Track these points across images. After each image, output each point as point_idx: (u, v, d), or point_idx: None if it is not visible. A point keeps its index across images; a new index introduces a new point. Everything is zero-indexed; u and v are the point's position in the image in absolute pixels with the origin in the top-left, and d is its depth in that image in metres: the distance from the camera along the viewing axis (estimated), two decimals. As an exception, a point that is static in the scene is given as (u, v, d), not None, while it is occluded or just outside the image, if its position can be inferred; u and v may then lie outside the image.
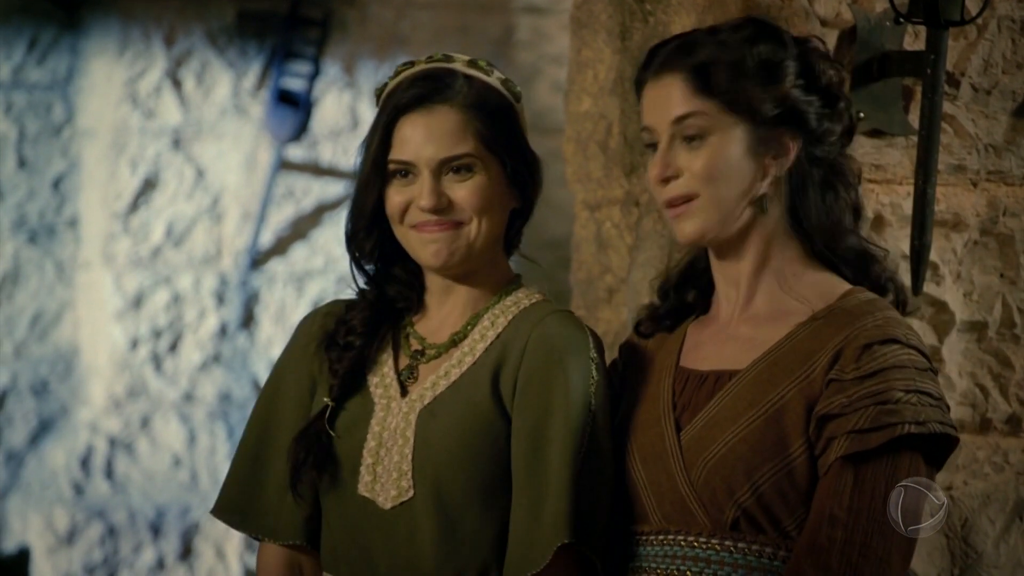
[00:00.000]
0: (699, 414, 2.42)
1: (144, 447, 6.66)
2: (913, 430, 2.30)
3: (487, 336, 2.51)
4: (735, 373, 2.41)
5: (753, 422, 2.37)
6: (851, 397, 2.32)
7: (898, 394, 2.31)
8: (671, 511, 2.41)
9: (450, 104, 2.48)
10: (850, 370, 2.34)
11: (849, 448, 2.30)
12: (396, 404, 2.49)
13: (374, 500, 2.46)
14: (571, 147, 3.51)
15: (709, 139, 2.41)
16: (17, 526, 6.62)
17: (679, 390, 2.46)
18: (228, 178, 6.72)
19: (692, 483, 2.39)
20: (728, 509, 2.37)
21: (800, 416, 2.35)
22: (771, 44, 2.42)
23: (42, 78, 6.74)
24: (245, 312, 6.74)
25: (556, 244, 6.73)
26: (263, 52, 6.71)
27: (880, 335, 2.35)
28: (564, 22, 5.79)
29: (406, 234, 2.51)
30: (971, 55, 2.83)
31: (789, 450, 2.35)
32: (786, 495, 2.35)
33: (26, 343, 6.73)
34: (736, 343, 2.45)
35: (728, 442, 2.37)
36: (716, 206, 2.41)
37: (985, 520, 2.85)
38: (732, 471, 2.36)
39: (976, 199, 2.87)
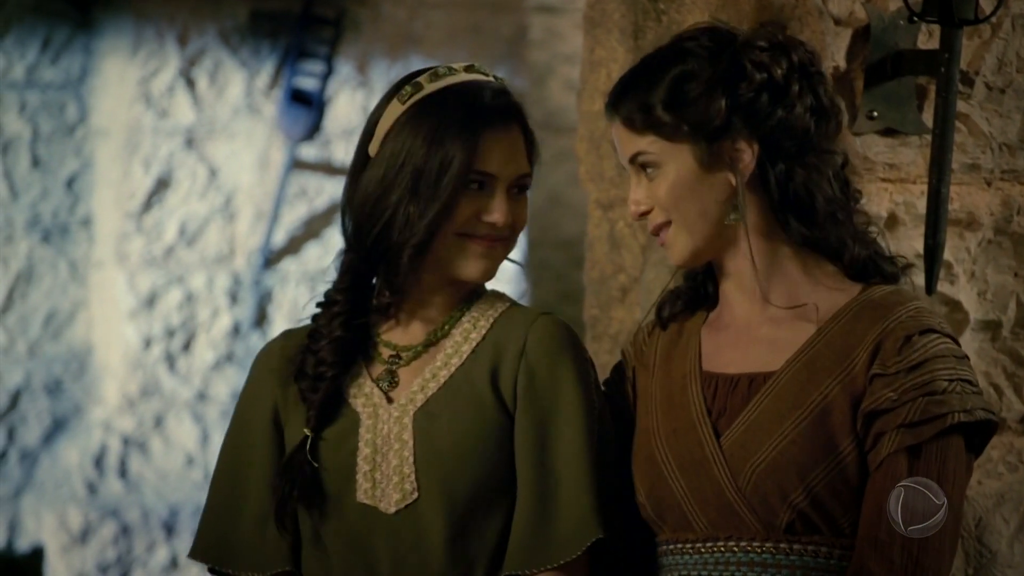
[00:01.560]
0: (737, 419, 2.41)
1: (157, 446, 6.67)
2: (962, 418, 2.32)
3: (471, 338, 2.51)
4: (769, 375, 2.41)
5: (800, 423, 2.36)
6: (898, 391, 2.33)
7: (943, 384, 2.33)
8: (717, 518, 2.40)
9: (518, 122, 2.52)
10: (892, 363, 2.34)
11: (902, 442, 2.32)
12: (384, 411, 2.49)
13: (376, 506, 2.46)
14: (584, 146, 3.51)
15: (662, 169, 2.44)
16: (31, 525, 6.63)
17: (710, 396, 2.45)
18: (241, 177, 6.72)
19: (740, 489, 2.38)
20: (782, 512, 2.36)
21: (846, 413, 2.36)
22: (692, 60, 2.43)
23: (55, 78, 6.75)
24: (258, 311, 6.75)
25: (569, 243, 6.73)
26: (276, 51, 6.72)
27: (918, 326, 2.36)
28: (577, 21, 5.79)
29: (455, 242, 2.49)
30: (985, 54, 2.82)
31: (839, 448, 2.35)
32: (840, 494, 2.35)
33: (40, 342, 6.74)
34: (761, 345, 2.44)
35: (776, 445, 2.36)
36: (689, 227, 2.44)
37: (999, 519, 2.85)
38: (784, 474, 2.36)
39: (990, 198, 2.86)
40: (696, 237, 2.44)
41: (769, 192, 2.43)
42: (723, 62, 2.42)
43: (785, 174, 2.43)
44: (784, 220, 2.44)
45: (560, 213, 6.56)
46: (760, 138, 2.42)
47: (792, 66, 2.44)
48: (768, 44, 2.45)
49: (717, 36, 2.46)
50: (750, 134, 2.42)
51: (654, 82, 2.44)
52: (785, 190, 2.43)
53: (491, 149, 2.49)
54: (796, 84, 2.43)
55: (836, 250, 2.45)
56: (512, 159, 2.50)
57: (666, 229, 2.46)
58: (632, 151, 2.46)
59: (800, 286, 2.45)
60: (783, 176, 2.43)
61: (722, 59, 2.42)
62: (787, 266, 2.45)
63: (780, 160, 2.43)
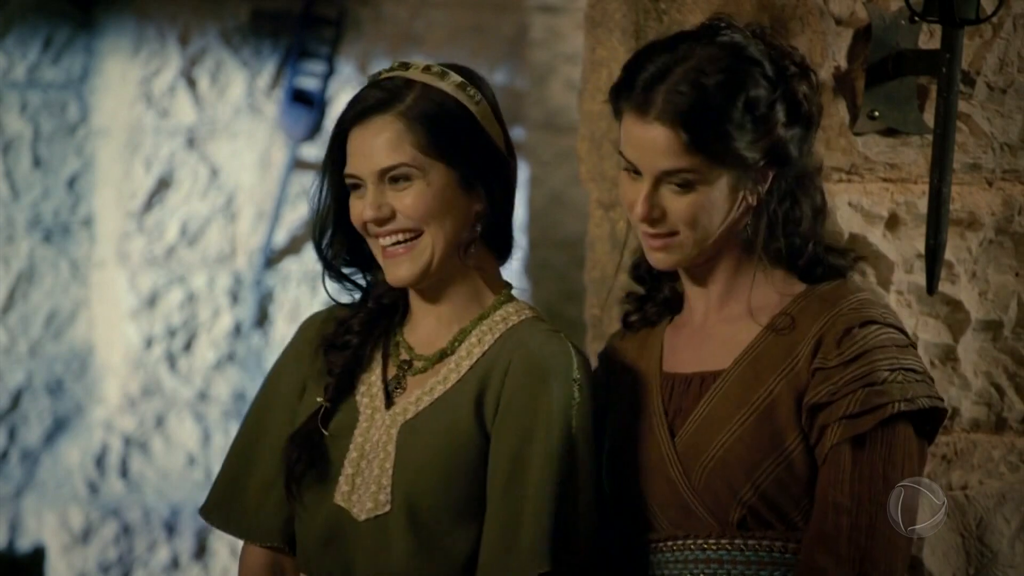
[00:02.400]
0: (689, 418, 2.43)
1: (159, 446, 6.67)
2: (903, 407, 2.34)
3: (473, 353, 2.50)
4: (719, 373, 2.43)
5: (746, 420, 2.38)
6: (838, 383, 2.35)
7: (884, 374, 2.34)
8: (677, 517, 2.43)
9: (388, 114, 2.48)
10: (833, 357, 2.36)
11: (844, 434, 2.33)
12: (380, 416, 2.49)
13: (349, 510, 2.46)
14: (585, 146, 3.51)
15: (697, 188, 2.41)
16: (32, 525, 6.63)
17: (667, 396, 2.47)
18: (242, 177, 6.72)
19: (693, 487, 2.40)
20: (733, 509, 2.38)
21: (791, 408, 2.37)
22: (755, 86, 2.40)
23: (57, 77, 6.75)
24: (259, 311, 6.75)
25: (570, 243, 6.73)
26: (277, 51, 6.72)
27: (858, 318, 2.38)
28: (578, 21, 5.78)
29: (373, 246, 2.52)
30: (986, 54, 2.82)
31: (785, 443, 2.37)
32: (788, 488, 2.37)
33: (41, 342, 6.74)
34: (714, 342, 2.47)
35: (724, 443, 2.39)
36: (697, 243, 2.44)
37: (1000, 519, 2.85)
38: (732, 471, 2.38)
39: (991, 198, 2.86)
40: (699, 250, 2.45)
41: (762, 211, 2.44)
42: (779, 88, 2.41)
43: (788, 194, 2.45)
44: (768, 235, 2.45)
45: (561, 213, 6.56)
46: (779, 164, 2.43)
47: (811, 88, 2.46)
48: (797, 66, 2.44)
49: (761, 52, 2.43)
50: (786, 158, 2.43)
51: (723, 100, 2.38)
52: (783, 213, 2.45)
53: (352, 151, 2.50)
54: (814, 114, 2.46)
55: (793, 256, 2.47)
56: (369, 153, 2.48)
57: (673, 237, 2.44)
58: (669, 166, 2.40)
59: (754, 288, 2.46)
60: (786, 196, 2.45)
61: (777, 85, 2.41)
62: (748, 271, 2.47)
63: (784, 180, 2.44)
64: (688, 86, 2.39)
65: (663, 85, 2.40)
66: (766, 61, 2.42)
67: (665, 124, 2.39)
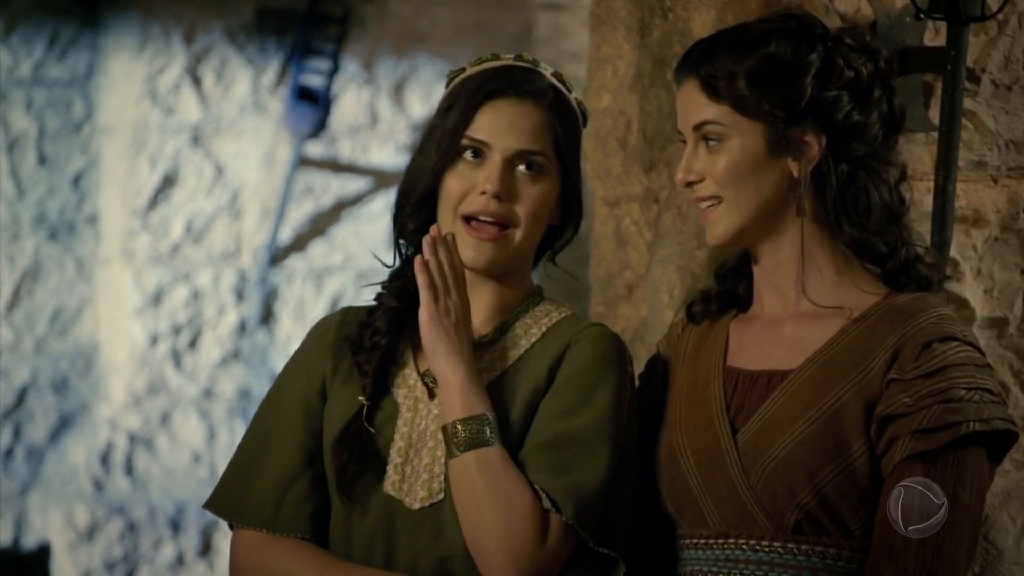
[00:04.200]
0: (754, 416, 2.40)
1: (164, 443, 6.68)
2: (978, 428, 2.30)
3: (519, 344, 2.50)
4: (787, 373, 2.40)
5: (812, 424, 2.35)
6: (913, 396, 2.31)
7: (961, 392, 2.30)
8: (730, 515, 2.40)
9: (537, 102, 2.49)
10: (910, 369, 2.32)
11: (915, 448, 2.30)
12: (424, 405, 2.49)
13: (401, 500, 2.46)
14: (590, 143, 3.51)
15: (727, 143, 2.40)
16: (38, 522, 6.63)
17: (730, 391, 2.44)
18: (247, 175, 6.73)
19: (752, 487, 2.38)
20: (790, 512, 2.36)
21: (859, 416, 2.34)
22: (786, 43, 2.40)
23: (62, 75, 6.76)
24: (264, 308, 6.75)
25: (575, 241, 6.73)
26: (282, 49, 6.72)
27: (938, 333, 2.34)
28: (583, 18, 5.78)
29: (456, 226, 2.49)
30: (992, 51, 2.82)
31: (850, 451, 2.34)
32: (848, 496, 2.34)
33: (46, 339, 6.74)
34: (785, 343, 2.43)
35: (787, 445, 2.36)
36: (739, 209, 2.41)
37: (1006, 517, 2.85)
38: (793, 474, 2.35)
39: (997, 195, 2.86)
40: (744, 219, 2.42)
41: (826, 189, 2.41)
42: (817, 51, 2.39)
43: (847, 175, 2.41)
44: (836, 219, 2.41)
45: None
46: (830, 134, 2.40)
47: (877, 71, 2.43)
48: (858, 44, 2.43)
49: (806, 23, 2.43)
50: (820, 127, 2.39)
51: (744, 53, 2.40)
52: (844, 191, 2.40)
53: (488, 120, 2.48)
54: (877, 90, 2.42)
55: (881, 255, 2.43)
56: (511, 130, 2.47)
57: (715, 206, 2.43)
58: (701, 118, 2.42)
59: (833, 286, 2.43)
60: (845, 177, 2.40)
61: (816, 48, 2.40)
62: (823, 264, 2.43)
63: (844, 160, 2.40)
64: (725, 37, 2.44)
65: (702, 45, 2.45)
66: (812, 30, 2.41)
67: (693, 78, 2.42)
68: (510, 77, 2.50)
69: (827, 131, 2.40)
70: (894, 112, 2.44)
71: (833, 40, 2.42)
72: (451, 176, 2.49)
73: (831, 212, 2.41)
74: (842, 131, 2.40)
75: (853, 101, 2.40)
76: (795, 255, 2.43)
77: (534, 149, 2.48)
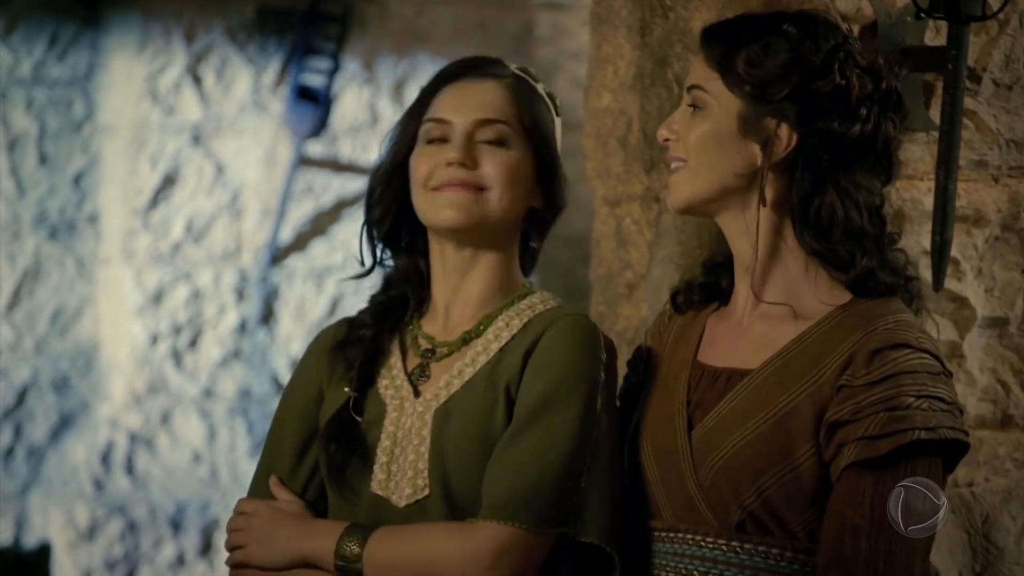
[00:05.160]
0: (710, 413, 2.42)
1: (164, 443, 6.68)
2: (923, 436, 2.29)
3: (501, 337, 2.51)
4: (747, 372, 2.41)
5: (760, 425, 2.36)
6: (860, 403, 2.31)
7: (908, 400, 2.30)
8: (681, 509, 2.42)
9: (496, 80, 2.53)
10: (860, 376, 2.32)
11: (859, 455, 2.30)
12: (410, 404, 2.50)
13: (388, 498, 2.47)
14: (591, 143, 3.51)
15: (706, 111, 2.43)
16: (38, 521, 6.63)
17: (694, 386, 2.46)
18: (248, 174, 6.73)
19: (700, 483, 2.39)
20: (734, 511, 2.37)
21: (808, 421, 2.34)
22: (794, 36, 2.41)
23: (62, 74, 6.76)
24: (265, 308, 6.75)
25: (576, 240, 6.73)
26: (283, 48, 6.72)
27: (891, 340, 2.33)
28: (584, 18, 5.78)
29: (426, 198, 2.51)
30: (992, 50, 2.82)
31: (796, 454, 2.34)
32: (792, 499, 2.35)
33: (47, 339, 6.74)
34: (750, 341, 2.44)
35: (735, 444, 2.37)
36: (699, 178, 2.43)
37: (1007, 516, 2.85)
38: (738, 474, 2.36)
39: (997, 194, 2.86)
40: (701, 189, 2.44)
41: (792, 191, 2.41)
42: (817, 51, 2.40)
43: (813, 183, 2.40)
44: (798, 225, 2.41)
45: (567, 210, 6.55)
46: (802, 135, 2.40)
47: (874, 93, 2.41)
48: (869, 66, 2.42)
49: (825, 28, 2.43)
50: (796, 125, 2.39)
51: (749, 36, 2.42)
52: (808, 199, 2.40)
53: (446, 101, 2.52)
54: (866, 110, 2.40)
55: (843, 264, 2.42)
56: (470, 104, 2.50)
57: (680, 169, 2.45)
58: (696, 79, 2.45)
59: (797, 286, 2.43)
60: (810, 184, 2.40)
61: (819, 49, 2.40)
62: (790, 263, 2.44)
63: (812, 167, 2.40)
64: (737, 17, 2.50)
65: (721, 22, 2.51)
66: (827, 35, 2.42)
67: (704, 45, 2.48)
68: (468, 63, 2.55)
69: (800, 131, 2.40)
70: (879, 141, 2.41)
71: (843, 51, 2.42)
72: (420, 157, 2.52)
73: (796, 216, 2.41)
74: (815, 135, 2.39)
75: (835, 110, 2.39)
76: (765, 247, 2.44)
77: (494, 118, 2.51)
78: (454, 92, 2.52)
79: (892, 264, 2.44)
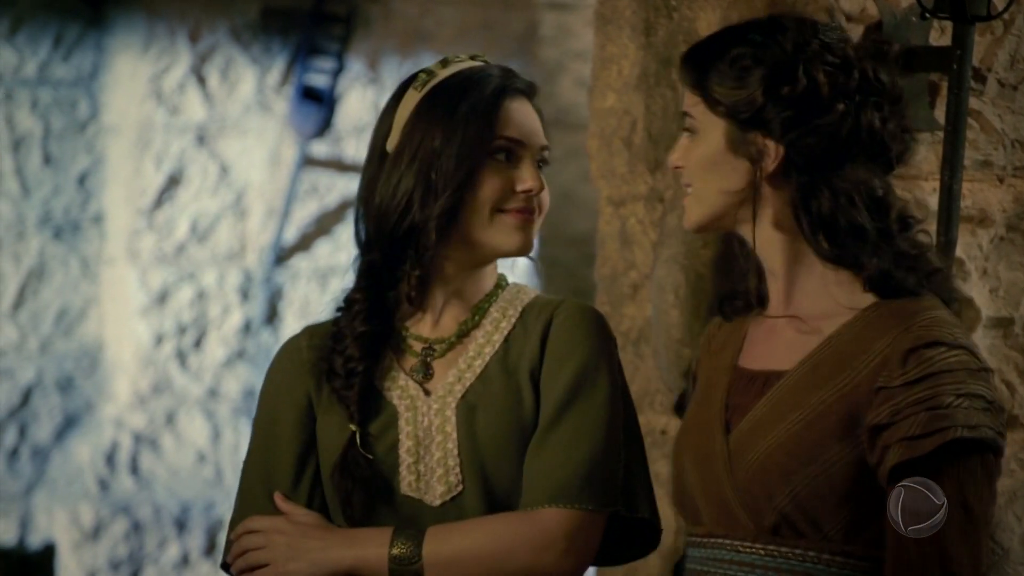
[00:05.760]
0: (746, 416, 2.41)
1: (169, 443, 6.68)
2: (965, 434, 2.27)
3: (501, 327, 2.52)
4: (782, 374, 2.40)
5: (792, 427, 2.35)
6: (900, 405, 2.29)
7: (948, 398, 2.28)
8: (718, 514, 2.41)
9: (531, 99, 2.55)
10: (897, 376, 2.30)
11: (902, 455, 2.28)
12: (423, 403, 2.49)
13: (421, 499, 2.46)
14: (595, 143, 3.51)
15: (698, 135, 2.43)
16: (43, 521, 6.64)
17: (733, 390, 2.45)
18: (252, 174, 6.73)
19: (735, 487, 2.38)
20: (768, 513, 2.36)
21: (841, 421, 2.33)
22: (751, 46, 2.39)
23: (67, 75, 6.76)
24: (269, 308, 6.75)
25: (580, 240, 6.72)
26: (287, 48, 6.73)
27: (926, 338, 2.31)
28: (588, 18, 5.78)
29: (491, 220, 2.50)
30: (997, 50, 2.82)
31: (828, 455, 2.33)
32: (825, 499, 2.33)
33: (51, 339, 6.75)
34: (784, 343, 2.43)
35: (768, 447, 2.36)
36: (701, 199, 2.44)
37: (1011, 517, 2.85)
38: (770, 476, 2.35)
39: (1002, 195, 2.86)
40: (708, 210, 2.44)
41: (792, 199, 2.40)
42: (780, 59, 2.38)
43: (807, 187, 2.39)
44: (807, 231, 2.39)
45: (571, 210, 6.56)
46: (787, 143, 2.38)
47: (847, 84, 2.38)
48: (838, 59, 2.38)
49: (800, 32, 2.40)
50: (780, 136, 2.38)
51: (717, 53, 2.42)
52: (806, 203, 2.39)
53: (514, 117, 2.51)
54: (843, 104, 2.37)
55: (855, 266, 2.39)
56: (535, 129, 2.52)
57: (689, 193, 2.47)
58: (684, 106, 2.46)
59: (823, 290, 2.41)
60: (805, 189, 2.39)
61: (782, 56, 2.38)
62: (811, 268, 2.42)
63: (804, 172, 2.38)
64: (708, 37, 2.49)
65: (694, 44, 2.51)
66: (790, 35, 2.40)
67: (683, 68, 2.48)
68: (509, 76, 2.54)
69: (784, 140, 2.38)
70: (872, 129, 2.38)
71: (808, 50, 2.38)
72: (490, 174, 2.49)
73: (802, 222, 2.40)
74: (798, 143, 2.38)
75: (810, 111, 2.37)
76: (784, 255, 2.43)
77: (547, 144, 2.54)
78: (519, 111, 2.52)
79: (909, 260, 2.40)
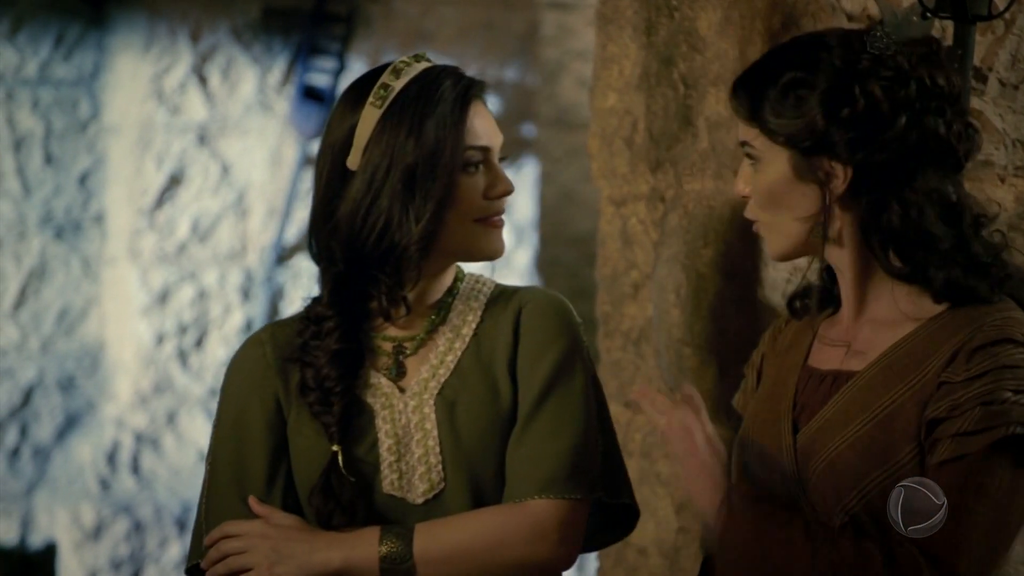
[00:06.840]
0: (815, 416, 2.39)
1: (170, 442, 6.68)
2: (1018, 431, 2.24)
3: (468, 320, 2.52)
4: (852, 375, 2.38)
5: (863, 427, 2.33)
6: (958, 400, 2.27)
7: (1007, 394, 2.25)
8: None
9: (481, 96, 2.53)
10: (960, 372, 2.28)
11: (952, 452, 2.26)
12: (399, 401, 2.49)
13: (403, 497, 2.46)
14: (596, 143, 3.51)
15: (761, 162, 2.40)
16: (44, 521, 6.64)
17: (802, 389, 2.43)
18: (253, 174, 6.73)
19: (804, 487, 2.37)
20: (836, 514, 2.33)
21: (912, 420, 2.31)
22: (803, 68, 2.36)
23: (68, 74, 6.76)
24: (270, 308, 6.76)
25: (581, 240, 6.72)
26: (288, 48, 6.73)
27: (995, 336, 2.29)
28: (589, 17, 5.78)
29: (472, 229, 2.49)
30: (999, 50, 2.82)
31: (898, 456, 2.31)
32: None
33: (52, 339, 6.75)
34: (856, 344, 2.42)
35: (838, 447, 2.34)
36: (779, 230, 2.41)
37: (1012, 517, 2.84)
38: (839, 477, 2.33)
39: (1003, 194, 2.86)
40: (786, 240, 2.41)
41: (863, 217, 2.37)
42: (833, 80, 2.35)
43: (876, 205, 2.36)
44: (878, 249, 2.37)
45: (572, 210, 6.56)
46: (856, 164, 2.35)
47: (907, 99, 2.35)
48: (892, 71, 2.36)
49: (847, 48, 2.37)
50: (847, 157, 2.35)
51: (770, 79, 2.38)
52: (877, 221, 2.36)
53: (477, 125, 2.49)
54: (904, 116, 2.34)
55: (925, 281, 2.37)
56: (495, 130, 2.51)
57: (756, 224, 2.43)
58: (742, 138, 2.42)
59: (894, 301, 2.39)
60: (874, 206, 2.36)
61: (834, 76, 2.35)
62: (884, 280, 2.40)
63: (874, 189, 2.35)
64: (756, 63, 2.45)
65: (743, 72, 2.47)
66: (838, 52, 2.37)
67: (733, 99, 2.44)
68: (461, 80, 2.50)
69: (852, 161, 2.35)
70: (938, 135, 2.36)
71: (859, 65, 2.36)
72: (468, 183, 2.48)
73: (873, 241, 2.37)
74: (866, 160, 2.35)
75: (873, 128, 2.35)
76: (856, 269, 2.41)
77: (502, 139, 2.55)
78: (480, 116, 2.50)
79: (982, 267, 2.37)
